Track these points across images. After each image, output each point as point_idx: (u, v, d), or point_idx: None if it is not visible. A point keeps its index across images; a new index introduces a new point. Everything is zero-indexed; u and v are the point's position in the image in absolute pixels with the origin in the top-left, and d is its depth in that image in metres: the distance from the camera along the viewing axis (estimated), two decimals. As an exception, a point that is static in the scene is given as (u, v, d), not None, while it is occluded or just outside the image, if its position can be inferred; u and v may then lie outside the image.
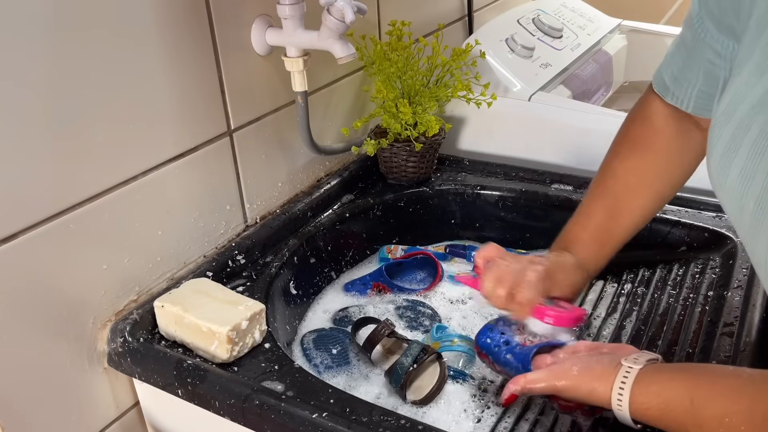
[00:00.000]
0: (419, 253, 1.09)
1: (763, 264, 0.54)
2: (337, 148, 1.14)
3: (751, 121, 0.55)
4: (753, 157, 0.54)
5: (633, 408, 0.63)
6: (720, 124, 0.60)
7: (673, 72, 0.76)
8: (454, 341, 0.88)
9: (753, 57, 0.59)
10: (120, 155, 0.82)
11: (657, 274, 0.99)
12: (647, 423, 0.64)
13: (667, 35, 1.69)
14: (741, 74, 0.60)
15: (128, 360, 0.82)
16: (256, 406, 0.73)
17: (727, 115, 0.59)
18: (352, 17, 0.87)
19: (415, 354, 0.82)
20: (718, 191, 0.61)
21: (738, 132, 0.57)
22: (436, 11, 1.40)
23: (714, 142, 0.60)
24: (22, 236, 0.73)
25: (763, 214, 0.53)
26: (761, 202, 0.53)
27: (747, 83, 0.58)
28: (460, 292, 1.03)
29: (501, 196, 1.15)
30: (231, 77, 0.94)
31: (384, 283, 1.04)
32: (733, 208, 0.58)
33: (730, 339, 0.78)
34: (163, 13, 0.82)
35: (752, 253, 0.57)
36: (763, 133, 0.54)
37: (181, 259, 0.93)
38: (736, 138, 0.57)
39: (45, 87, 0.72)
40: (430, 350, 0.83)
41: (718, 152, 0.59)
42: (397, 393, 0.83)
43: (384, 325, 0.88)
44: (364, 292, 1.05)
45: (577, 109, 1.28)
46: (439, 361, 0.84)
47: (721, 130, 0.59)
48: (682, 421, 0.60)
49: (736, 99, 0.59)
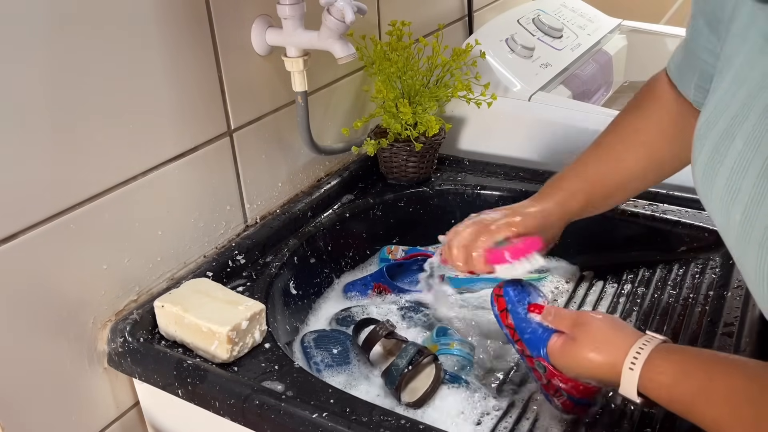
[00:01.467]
0: (421, 254, 1.08)
1: (752, 277, 0.53)
2: (337, 148, 1.14)
3: (735, 132, 0.55)
4: (738, 170, 0.54)
5: (646, 369, 0.62)
6: (702, 134, 0.60)
7: (678, 62, 0.78)
8: (452, 344, 0.88)
9: (733, 66, 0.58)
10: (120, 155, 0.82)
11: (657, 274, 0.99)
12: (653, 392, 0.62)
13: (667, 35, 1.69)
14: (723, 82, 0.60)
15: (128, 360, 0.82)
16: (256, 406, 0.73)
17: (709, 125, 0.59)
18: (352, 17, 0.87)
19: (410, 355, 0.82)
20: (705, 202, 0.60)
21: (721, 143, 0.56)
22: (436, 11, 1.40)
23: (697, 153, 0.60)
24: (22, 236, 0.73)
25: (751, 227, 0.52)
26: (748, 214, 0.53)
27: (728, 92, 0.58)
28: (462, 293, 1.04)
29: (501, 196, 1.15)
30: (231, 77, 0.94)
31: (385, 284, 1.04)
32: (720, 219, 0.58)
33: (730, 339, 0.78)
34: (163, 13, 0.82)
35: (741, 264, 0.56)
36: (747, 145, 0.53)
37: (181, 259, 0.93)
38: (720, 149, 0.56)
39: (45, 87, 0.72)
40: (426, 352, 0.83)
41: (702, 162, 0.59)
42: (392, 394, 0.83)
43: (382, 325, 0.88)
44: (365, 293, 1.05)
45: (577, 109, 1.28)
46: (435, 363, 0.84)
47: (703, 141, 0.59)
48: (694, 392, 0.59)
49: (718, 109, 0.58)
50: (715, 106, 0.59)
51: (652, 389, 0.62)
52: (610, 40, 1.66)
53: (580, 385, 0.71)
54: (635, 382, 0.63)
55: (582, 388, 0.71)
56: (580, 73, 1.47)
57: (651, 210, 1.03)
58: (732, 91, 0.57)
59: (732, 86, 0.57)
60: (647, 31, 1.73)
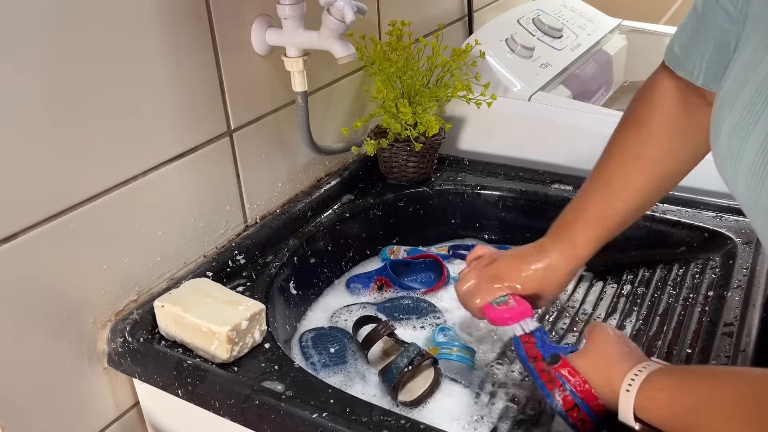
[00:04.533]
0: (426, 256, 1.09)
1: None
2: (337, 148, 1.14)
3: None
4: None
5: (643, 389, 0.62)
6: (731, 94, 0.55)
7: (683, 42, 0.71)
8: (453, 350, 0.87)
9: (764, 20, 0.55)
10: (120, 155, 0.82)
11: (657, 274, 0.99)
12: (653, 413, 0.61)
13: (667, 35, 1.69)
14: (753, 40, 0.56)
15: (128, 360, 0.82)
16: (256, 406, 0.73)
17: (741, 83, 0.54)
18: (352, 17, 0.87)
19: (411, 356, 0.82)
20: (730, 168, 0.55)
21: (756, 100, 0.51)
22: (436, 11, 1.40)
23: (723, 116, 0.55)
24: (22, 236, 0.73)
25: None
26: None
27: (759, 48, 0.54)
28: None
29: (501, 196, 1.15)
30: (231, 77, 0.94)
31: (386, 277, 1.04)
32: (749, 186, 0.52)
33: (730, 339, 0.78)
34: (163, 13, 0.82)
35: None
36: None
37: (181, 259, 0.93)
38: (754, 107, 0.51)
39: (45, 87, 0.72)
40: (426, 354, 0.83)
41: (729, 125, 0.54)
42: (388, 392, 0.83)
43: (384, 325, 0.88)
44: (368, 285, 1.05)
45: (577, 109, 1.28)
46: (434, 366, 0.84)
47: (733, 100, 0.54)
48: (696, 404, 0.58)
49: (748, 67, 0.54)
50: (745, 64, 0.55)
51: (652, 410, 0.61)
52: (610, 40, 1.66)
53: (585, 383, 0.70)
54: (631, 404, 0.62)
55: (587, 387, 0.71)
56: (580, 73, 1.47)
57: (651, 210, 1.02)
58: (766, 45, 0.53)
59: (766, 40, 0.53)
60: (647, 31, 1.73)
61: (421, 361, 0.82)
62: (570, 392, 0.71)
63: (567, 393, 0.71)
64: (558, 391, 0.72)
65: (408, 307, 1.00)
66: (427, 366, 0.84)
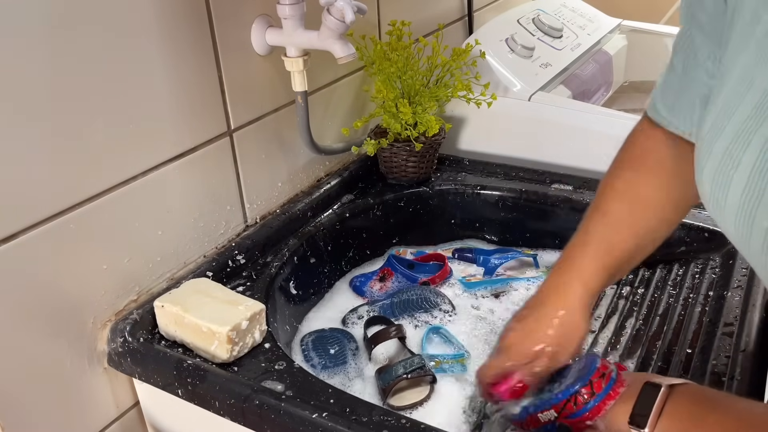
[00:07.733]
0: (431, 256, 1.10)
1: None
2: (337, 148, 1.14)
3: (751, 133, 0.51)
4: (760, 171, 0.50)
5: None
6: (709, 140, 0.56)
7: (668, 104, 0.70)
8: (438, 363, 0.87)
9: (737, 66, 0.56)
10: (120, 155, 0.82)
11: (657, 274, 0.99)
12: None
13: (667, 35, 1.69)
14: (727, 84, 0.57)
15: (128, 360, 0.82)
16: (256, 406, 0.73)
17: (718, 130, 0.55)
18: (352, 17, 0.87)
19: (413, 367, 0.83)
20: (716, 213, 0.56)
21: (734, 146, 0.52)
22: (436, 11, 1.40)
23: (703, 161, 0.56)
24: (22, 236, 0.73)
25: None
26: None
27: (736, 93, 0.55)
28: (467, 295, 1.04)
29: (501, 196, 1.15)
30: (231, 77, 0.94)
31: (388, 266, 1.05)
32: (738, 230, 0.52)
33: (730, 339, 0.78)
34: (163, 12, 0.82)
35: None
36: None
37: (181, 259, 0.93)
38: (733, 152, 0.52)
39: (45, 87, 0.72)
40: (427, 371, 0.84)
41: (710, 170, 0.55)
42: (378, 390, 0.84)
43: (397, 327, 0.90)
44: (370, 278, 1.06)
45: (577, 109, 1.28)
46: (431, 384, 0.84)
47: (710, 146, 0.55)
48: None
49: (725, 112, 0.55)
50: (722, 108, 0.56)
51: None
52: (610, 40, 1.66)
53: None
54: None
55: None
56: (580, 73, 1.47)
57: (651, 210, 1.02)
58: (740, 93, 0.54)
59: (739, 87, 0.54)
60: (647, 31, 1.73)
61: (420, 375, 0.83)
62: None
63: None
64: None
65: (414, 302, 1.00)
66: (425, 382, 0.84)
